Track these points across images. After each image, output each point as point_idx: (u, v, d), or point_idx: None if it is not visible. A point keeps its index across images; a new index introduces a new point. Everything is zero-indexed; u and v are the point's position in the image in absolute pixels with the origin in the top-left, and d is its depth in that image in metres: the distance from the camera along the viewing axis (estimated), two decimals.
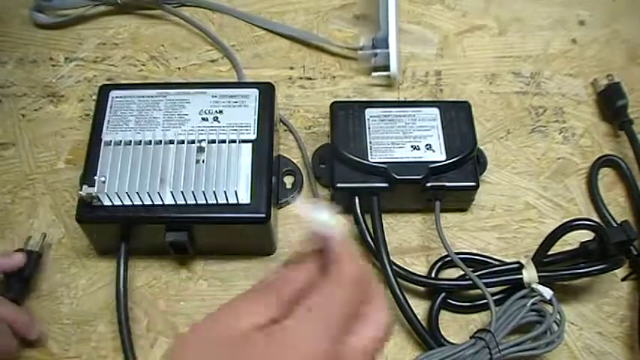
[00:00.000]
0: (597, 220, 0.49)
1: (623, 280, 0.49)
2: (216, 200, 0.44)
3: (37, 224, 0.50)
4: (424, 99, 0.57)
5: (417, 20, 0.63)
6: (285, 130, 0.55)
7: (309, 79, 0.59)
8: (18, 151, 0.54)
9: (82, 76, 0.58)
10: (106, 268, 0.48)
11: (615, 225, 0.50)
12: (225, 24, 0.62)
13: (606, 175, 0.54)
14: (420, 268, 0.49)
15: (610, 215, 0.52)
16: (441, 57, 0.60)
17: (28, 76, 0.58)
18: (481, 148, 0.53)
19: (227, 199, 0.44)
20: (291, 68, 0.59)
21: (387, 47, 0.56)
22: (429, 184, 0.48)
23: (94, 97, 0.56)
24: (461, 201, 0.51)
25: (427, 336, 0.45)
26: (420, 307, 0.47)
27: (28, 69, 0.59)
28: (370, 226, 0.48)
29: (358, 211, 0.48)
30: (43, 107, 0.56)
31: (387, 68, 0.56)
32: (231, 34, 0.60)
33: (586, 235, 0.47)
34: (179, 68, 0.59)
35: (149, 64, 0.59)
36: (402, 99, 0.57)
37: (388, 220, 0.50)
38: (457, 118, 0.50)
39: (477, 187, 0.49)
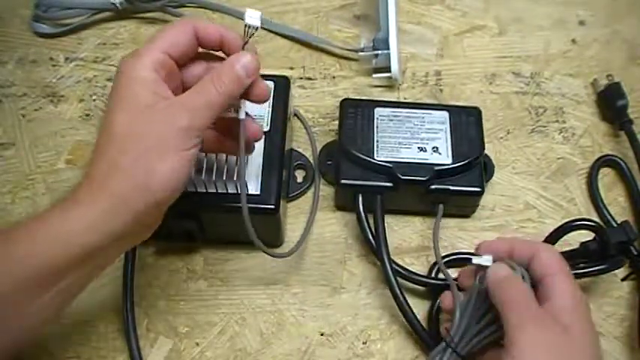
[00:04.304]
0: (597, 220, 0.50)
1: (623, 280, 0.49)
2: (226, 189, 0.44)
3: None
4: (434, 102, 0.57)
5: (417, 20, 0.63)
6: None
7: (309, 79, 0.59)
8: (18, 151, 0.54)
9: (82, 76, 0.58)
10: None
11: (615, 225, 0.50)
12: (225, 24, 0.61)
13: (606, 175, 0.54)
14: (419, 268, 0.49)
15: (610, 215, 0.52)
16: (441, 57, 0.60)
17: (28, 76, 0.58)
18: (489, 155, 0.53)
19: (237, 189, 0.44)
20: (291, 68, 0.59)
21: (388, 48, 0.56)
22: (433, 187, 0.48)
23: (94, 97, 0.57)
24: (465, 206, 0.51)
25: (427, 336, 0.45)
26: (420, 307, 0.47)
27: (28, 69, 0.59)
28: (372, 225, 0.48)
29: (361, 209, 0.48)
30: (43, 107, 0.56)
31: (388, 69, 0.56)
32: None
33: (586, 236, 0.47)
34: None
35: None
36: (402, 99, 0.57)
37: (388, 221, 0.50)
38: (466, 123, 0.50)
39: (481, 192, 0.49)
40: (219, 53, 0.40)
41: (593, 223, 0.46)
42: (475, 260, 0.40)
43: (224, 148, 0.43)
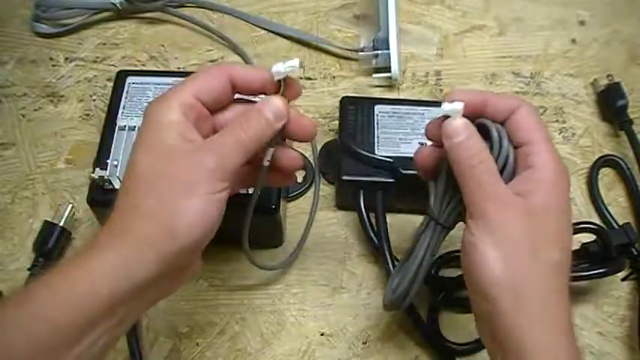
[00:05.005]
0: (597, 220, 0.50)
1: (623, 280, 0.49)
2: None
3: (37, 224, 0.50)
4: (432, 99, 0.57)
5: (417, 20, 0.63)
6: None
7: (309, 79, 0.59)
8: (18, 151, 0.54)
9: (82, 76, 0.58)
10: None
11: (616, 226, 0.50)
12: (225, 24, 0.62)
13: (606, 175, 0.54)
14: None
15: (610, 215, 0.52)
16: (441, 57, 0.60)
17: (28, 76, 0.58)
18: None
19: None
20: None
21: (388, 48, 0.56)
22: None
23: (94, 97, 0.57)
24: None
25: (427, 335, 0.45)
26: (420, 307, 0.47)
27: (28, 69, 0.59)
28: (374, 222, 0.48)
29: (362, 205, 0.48)
30: (43, 107, 0.56)
31: (388, 69, 0.56)
32: (231, 34, 0.60)
33: (587, 237, 0.47)
34: (179, 68, 0.59)
35: (149, 64, 0.59)
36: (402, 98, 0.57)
37: (389, 220, 0.50)
38: None
39: None
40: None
41: (594, 226, 0.46)
42: (445, 107, 0.35)
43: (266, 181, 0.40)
